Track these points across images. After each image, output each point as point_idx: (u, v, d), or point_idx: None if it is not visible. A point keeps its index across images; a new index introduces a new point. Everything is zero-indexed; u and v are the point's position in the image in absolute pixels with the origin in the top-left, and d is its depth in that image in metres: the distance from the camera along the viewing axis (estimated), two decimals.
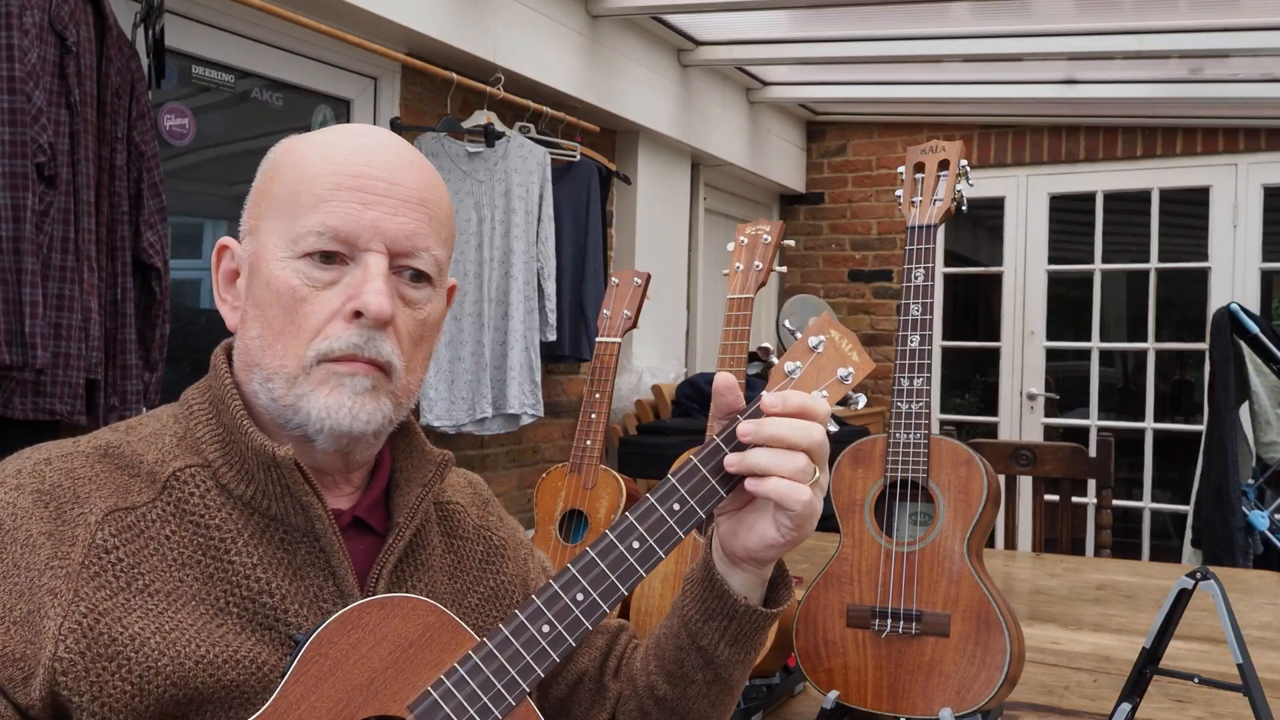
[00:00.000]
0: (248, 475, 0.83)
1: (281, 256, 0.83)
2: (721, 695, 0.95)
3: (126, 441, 0.84)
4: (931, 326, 1.33)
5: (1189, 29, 3.73)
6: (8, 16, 1.88)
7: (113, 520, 0.79)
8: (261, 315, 0.84)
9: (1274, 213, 4.67)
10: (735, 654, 0.92)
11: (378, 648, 0.77)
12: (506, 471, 3.80)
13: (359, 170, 0.83)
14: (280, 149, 0.88)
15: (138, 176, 2.17)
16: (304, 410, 0.83)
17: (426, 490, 0.90)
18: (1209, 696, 1.45)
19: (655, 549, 0.83)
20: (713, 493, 0.85)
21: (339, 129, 0.88)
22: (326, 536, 0.83)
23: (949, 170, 1.38)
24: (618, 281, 1.89)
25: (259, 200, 0.87)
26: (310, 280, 0.83)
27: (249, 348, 0.85)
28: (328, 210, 0.82)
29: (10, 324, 1.88)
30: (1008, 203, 5.13)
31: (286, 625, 0.80)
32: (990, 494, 1.29)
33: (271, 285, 0.83)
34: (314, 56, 3.01)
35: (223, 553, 0.80)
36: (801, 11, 3.96)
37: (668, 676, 0.94)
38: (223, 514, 0.82)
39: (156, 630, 0.76)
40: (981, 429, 5.40)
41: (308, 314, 0.83)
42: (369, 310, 0.82)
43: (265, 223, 0.85)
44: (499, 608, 0.97)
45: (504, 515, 1.05)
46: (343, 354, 0.83)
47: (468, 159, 3.25)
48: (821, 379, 0.89)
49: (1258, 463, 3.64)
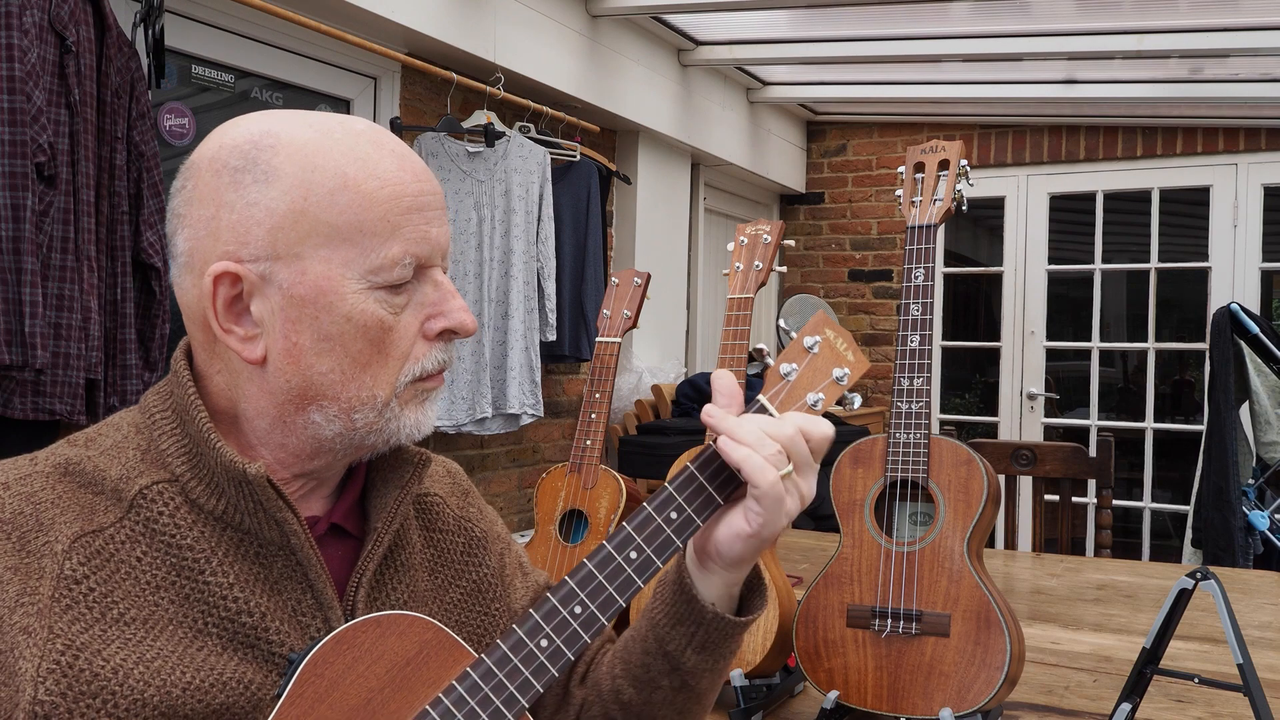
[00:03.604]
0: (217, 490, 0.80)
1: (358, 289, 0.79)
2: (688, 704, 0.93)
3: (87, 457, 0.80)
4: (931, 326, 1.33)
5: (1189, 29, 3.73)
6: (7, 16, 1.88)
7: (80, 547, 0.75)
8: (338, 349, 0.79)
9: (1274, 213, 4.67)
10: (703, 661, 0.90)
11: (374, 667, 0.76)
12: (506, 471, 3.80)
13: (416, 188, 0.81)
14: (283, 159, 0.79)
15: (138, 176, 2.17)
16: (389, 430, 0.83)
17: (404, 492, 0.88)
18: (1209, 696, 1.45)
19: (653, 559, 0.82)
20: (710, 500, 0.84)
21: (336, 127, 0.82)
22: (303, 550, 0.81)
23: (949, 170, 1.38)
24: (618, 281, 1.89)
25: (290, 222, 0.78)
26: (393, 308, 0.81)
27: (313, 382, 0.80)
28: (406, 237, 0.80)
29: (10, 324, 1.88)
30: (1008, 203, 5.13)
31: (268, 643, 0.78)
32: (990, 494, 1.29)
33: (355, 319, 0.79)
34: (314, 56, 3.01)
35: (197, 572, 0.78)
36: (801, 11, 3.96)
37: (633, 681, 0.93)
38: (194, 532, 0.79)
39: (139, 661, 0.73)
40: (981, 429, 5.40)
41: (395, 341, 0.81)
42: (465, 329, 0.83)
43: (315, 250, 0.78)
44: (481, 602, 0.96)
45: (483, 507, 1.04)
46: (434, 372, 0.84)
47: (468, 159, 3.25)
48: (817, 380, 0.88)
49: (1258, 463, 3.64)
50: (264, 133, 0.80)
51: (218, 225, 0.79)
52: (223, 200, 0.79)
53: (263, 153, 0.79)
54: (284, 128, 0.81)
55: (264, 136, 0.80)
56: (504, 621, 0.96)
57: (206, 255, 0.80)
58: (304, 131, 0.80)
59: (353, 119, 0.84)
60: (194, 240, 0.80)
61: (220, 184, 0.79)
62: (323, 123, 0.82)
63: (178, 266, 0.83)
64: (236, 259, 0.79)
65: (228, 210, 0.79)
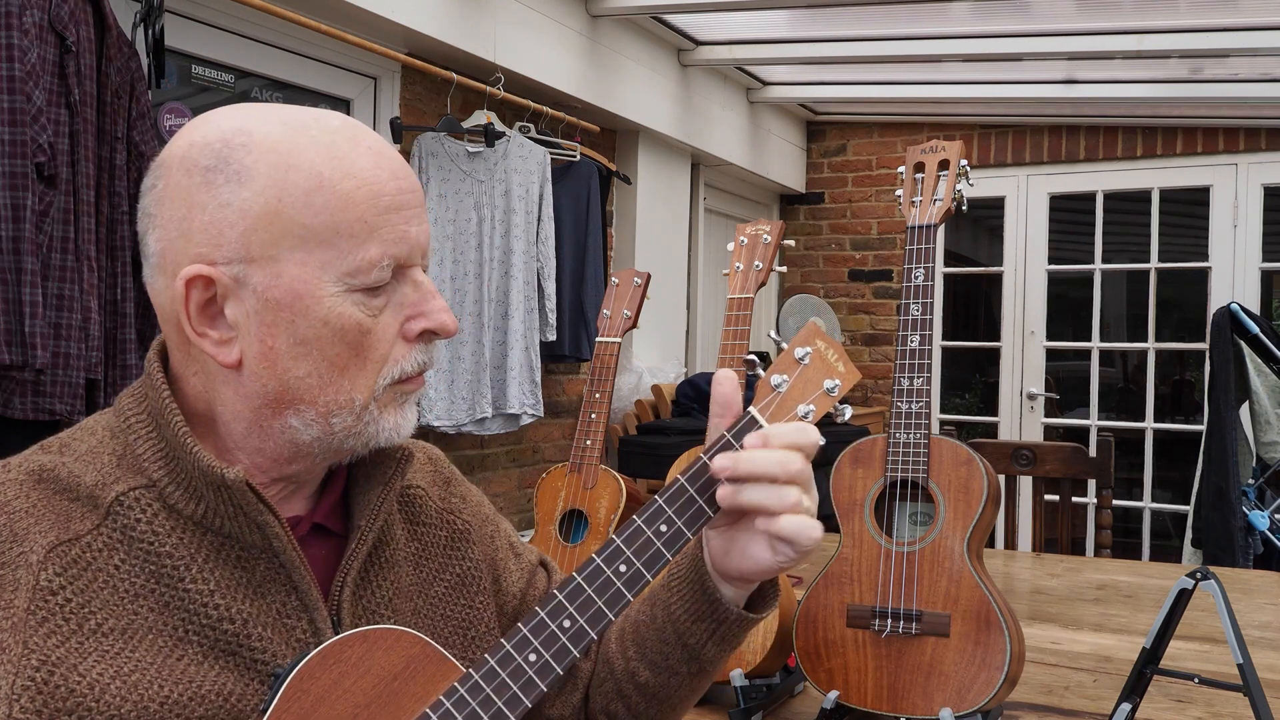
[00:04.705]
0: (196, 494, 0.78)
1: (335, 292, 0.77)
2: (702, 682, 0.96)
3: (62, 463, 0.78)
4: (931, 326, 1.33)
5: (1189, 29, 3.73)
6: (7, 16, 1.88)
7: (56, 557, 0.73)
8: (315, 352, 0.78)
9: (1274, 213, 4.67)
10: (720, 651, 0.93)
11: (361, 682, 0.75)
12: (506, 471, 3.80)
13: (394, 187, 0.79)
14: (256, 159, 0.77)
15: (137, 176, 2.17)
16: (368, 434, 0.81)
17: (388, 488, 0.87)
18: (1209, 696, 1.45)
19: (643, 572, 0.81)
20: (700, 513, 0.83)
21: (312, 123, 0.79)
22: (286, 552, 0.79)
23: (949, 170, 1.38)
24: (618, 281, 1.89)
25: (265, 224, 0.76)
26: (370, 310, 0.79)
27: (290, 386, 0.78)
28: (385, 239, 0.78)
29: (10, 324, 1.88)
30: (1008, 203, 5.13)
31: (250, 650, 0.77)
32: (990, 494, 1.29)
33: (331, 323, 0.77)
34: (314, 56, 3.01)
35: (177, 580, 0.76)
36: (801, 11, 3.96)
37: (650, 665, 0.94)
38: (174, 538, 0.77)
39: (116, 674, 0.71)
40: (981, 429, 5.40)
41: (374, 344, 0.80)
42: (446, 330, 0.81)
43: (291, 252, 0.76)
44: (467, 594, 0.95)
45: (466, 494, 1.02)
46: (414, 374, 0.82)
47: (468, 159, 3.25)
48: (808, 391, 0.88)
49: (1258, 463, 3.64)
50: (236, 130, 0.78)
51: (189, 226, 0.77)
52: (194, 201, 0.77)
53: (235, 151, 0.77)
54: (257, 125, 0.78)
55: (236, 134, 0.77)
56: (488, 614, 0.96)
57: (179, 257, 0.77)
58: (277, 129, 0.78)
59: (329, 114, 0.82)
60: (165, 241, 0.78)
61: (191, 184, 0.77)
62: (297, 119, 0.79)
63: (150, 267, 0.80)
64: (210, 261, 0.76)
65: (199, 211, 0.76)
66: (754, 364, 0.91)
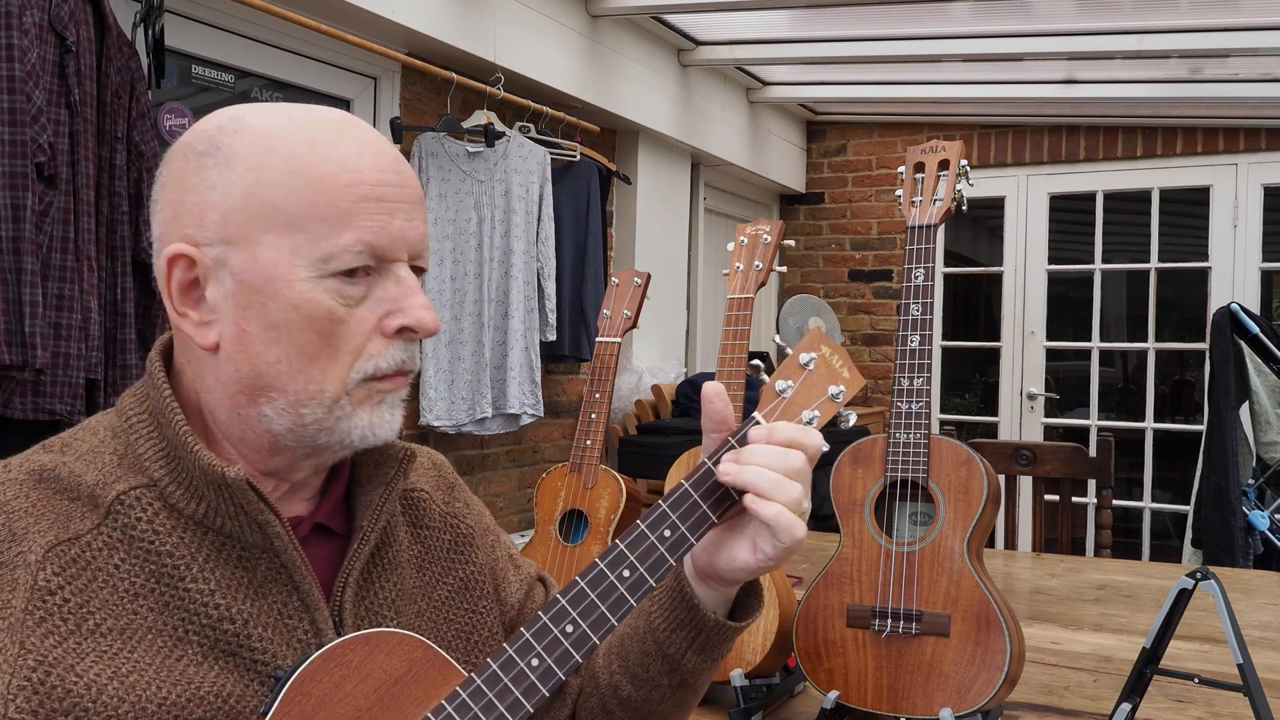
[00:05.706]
0: (197, 493, 0.78)
1: (307, 276, 0.76)
2: (686, 697, 0.95)
3: (63, 462, 0.78)
4: (931, 326, 1.33)
5: (1189, 29, 3.73)
6: (7, 16, 1.88)
7: (55, 556, 0.73)
8: (285, 338, 0.77)
9: (1274, 213, 4.67)
10: (702, 662, 0.91)
11: (362, 685, 0.74)
12: (506, 471, 3.80)
13: (376, 177, 0.78)
14: (243, 144, 0.78)
15: (138, 176, 2.17)
16: (340, 430, 0.80)
17: (390, 489, 0.87)
18: (1209, 696, 1.45)
19: (646, 577, 0.81)
20: (704, 518, 0.83)
21: (302, 115, 0.80)
22: (287, 552, 0.79)
23: (949, 170, 1.38)
24: (618, 281, 1.89)
25: (242, 206, 0.77)
26: (345, 299, 0.78)
27: (261, 372, 0.78)
28: (360, 225, 0.77)
29: (10, 324, 1.88)
30: (1008, 203, 5.13)
31: (250, 651, 0.77)
32: (990, 494, 1.29)
33: (301, 308, 0.76)
34: (314, 56, 3.01)
35: (177, 579, 0.76)
36: (801, 11, 3.96)
37: (632, 679, 0.93)
38: (174, 537, 0.77)
39: (113, 675, 0.71)
40: (981, 429, 5.40)
41: (346, 335, 0.78)
42: (424, 328, 0.80)
43: (265, 235, 0.76)
44: (470, 599, 0.95)
45: (470, 500, 1.02)
46: (390, 372, 0.80)
47: (468, 159, 3.25)
48: (813, 397, 0.88)
49: (1258, 463, 3.64)
50: (232, 118, 0.80)
51: (181, 209, 0.79)
52: (186, 184, 0.79)
53: (225, 136, 0.78)
54: (253, 115, 0.80)
55: (230, 122, 0.79)
56: (491, 619, 0.96)
57: (169, 238, 0.79)
58: (269, 119, 0.79)
59: (329, 110, 0.83)
60: (163, 224, 0.80)
61: (187, 168, 0.79)
62: (292, 112, 0.80)
63: (155, 253, 0.82)
64: (193, 242, 0.78)
65: (190, 193, 0.78)
66: (758, 368, 0.91)
